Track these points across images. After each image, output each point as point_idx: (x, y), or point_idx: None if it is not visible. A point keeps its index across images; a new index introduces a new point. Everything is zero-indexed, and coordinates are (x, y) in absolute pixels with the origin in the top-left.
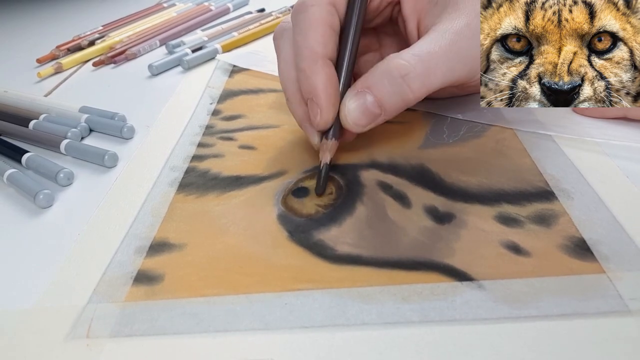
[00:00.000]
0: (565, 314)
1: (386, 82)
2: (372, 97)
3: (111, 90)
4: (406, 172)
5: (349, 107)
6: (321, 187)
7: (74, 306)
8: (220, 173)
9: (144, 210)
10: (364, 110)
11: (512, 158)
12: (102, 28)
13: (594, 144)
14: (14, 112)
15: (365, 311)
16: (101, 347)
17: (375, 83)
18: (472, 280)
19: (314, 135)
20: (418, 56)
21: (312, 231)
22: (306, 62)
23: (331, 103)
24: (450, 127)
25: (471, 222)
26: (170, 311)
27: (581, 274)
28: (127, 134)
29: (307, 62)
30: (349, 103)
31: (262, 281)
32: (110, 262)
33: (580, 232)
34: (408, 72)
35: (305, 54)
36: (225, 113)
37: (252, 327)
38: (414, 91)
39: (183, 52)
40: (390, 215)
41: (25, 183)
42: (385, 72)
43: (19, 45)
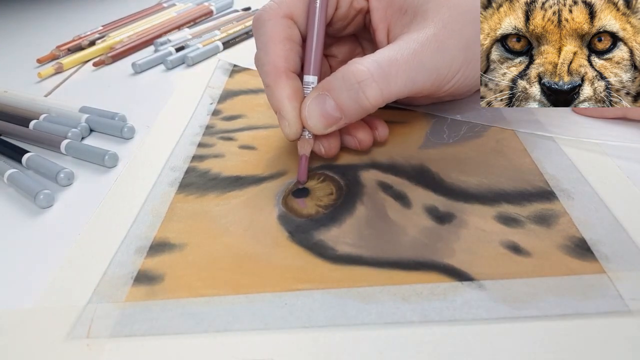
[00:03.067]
0: (565, 314)
1: (343, 87)
2: (332, 100)
3: (111, 90)
4: (406, 172)
5: (310, 110)
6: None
7: (74, 306)
8: (221, 173)
9: (144, 210)
10: (324, 114)
11: (512, 158)
12: (102, 28)
13: (594, 144)
14: (14, 112)
15: (365, 311)
16: (101, 347)
17: (333, 87)
18: (472, 280)
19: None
20: (377, 62)
21: (312, 231)
22: (270, 78)
23: (297, 115)
24: (450, 127)
25: (471, 222)
26: (170, 311)
27: (581, 274)
28: (127, 134)
29: (270, 78)
30: (310, 105)
31: (262, 281)
32: (111, 262)
33: (581, 232)
34: (364, 79)
35: (268, 70)
36: (226, 113)
37: (252, 327)
38: (369, 98)
39: (166, 50)
40: (390, 215)
41: (26, 183)
42: (343, 77)
43: (19, 45)
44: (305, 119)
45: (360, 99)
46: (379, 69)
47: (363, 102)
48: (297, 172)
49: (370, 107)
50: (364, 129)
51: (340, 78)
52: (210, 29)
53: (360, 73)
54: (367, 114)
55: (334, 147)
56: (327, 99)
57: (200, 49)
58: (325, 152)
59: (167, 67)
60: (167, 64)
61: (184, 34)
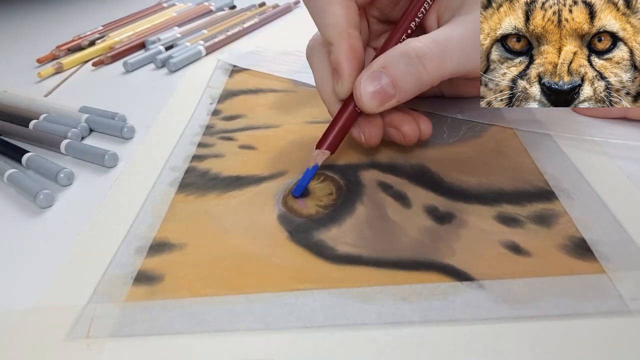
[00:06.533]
0: (565, 314)
1: (401, 62)
2: (387, 77)
3: (111, 90)
4: (406, 172)
5: (364, 87)
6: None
7: (74, 306)
8: (221, 173)
9: (144, 210)
10: (379, 90)
11: (512, 158)
12: (102, 28)
13: (594, 143)
14: (14, 112)
15: (365, 311)
16: (101, 347)
17: (390, 63)
18: (472, 280)
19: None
20: (434, 39)
21: (312, 231)
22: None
23: (352, 75)
24: (450, 127)
25: (471, 222)
26: (170, 311)
27: (581, 274)
28: (127, 134)
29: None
30: (364, 82)
31: (262, 281)
32: (111, 262)
33: (581, 232)
34: (424, 53)
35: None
36: (225, 113)
37: (252, 327)
38: (429, 72)
39: (156, 49)
40: (390, 215)
41: (26, 183)
42: (401, 53)
43: (19, 45)
44: (358, 95)
45: (419, 74)
46: (437, 45)
47: (422, 77)
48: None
49: (427, 83)
50: (411, 122)
51: (397, 54)
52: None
53: (419, 49)
54: (421, 91)
55: (374, 136)
56: (382, 75)
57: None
58: (365, 140)
59: (157, 65)
60: (157, 62)
61: (174, 32)
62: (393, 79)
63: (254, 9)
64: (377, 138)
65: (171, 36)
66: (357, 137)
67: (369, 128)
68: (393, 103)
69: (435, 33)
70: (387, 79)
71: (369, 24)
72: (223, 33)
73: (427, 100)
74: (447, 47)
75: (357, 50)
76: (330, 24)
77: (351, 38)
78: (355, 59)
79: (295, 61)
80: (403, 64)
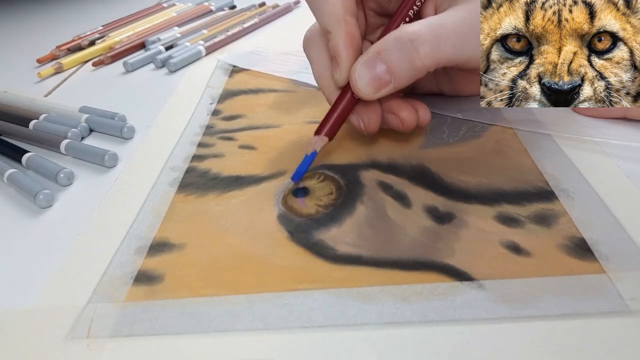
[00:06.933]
0: (565, 314)
1: (395, 47)
2: (382, 64)
3: (111, 90)
4: (406, 172)
5: (359, 73)
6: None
7: (74, 306)
8: (221, 173)
9: (144, 210)
10: (374, 77)
11: (512, 158)
12: (102, 28)
13: (594, 143)
14: (14, 112)
15: (365, 311)
16: (101, 347)
17: (385, 48)
18: (472, 280)
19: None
20: (429, 25)
21: (312, 231)
22: (329, 23)
23: (350, 61)
24: (450, 127)
25: (471, 222)
26: (170, 311)
27: (581, 274)
28: (127, 134)
29: (329, 23)
30: (359, 69)
31: (262, 281)
32: (111, 262)
33: (581, 232)
34: (417, 37)
35: (327, 19)
36: (225, 113)
37: (252, 327)
38: (421, 57)
39: (156, 49)
40: (390, 215)
41: (26, 183)
42: (395, 38)
43: (19, 45)
44: (354, 82)
45: (412, 58)
46: (431, 30)
47: (415, 62)
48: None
49: (421, 68)
50: (409, 108)
51: (391, 39)
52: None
53: (412, 33)
54: (417, 77)
55: (373, 122)
56: (378, 62)
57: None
58: (364, 127)
59: (157, 65)
60: (157, 62)
61: (174, 32)
62: (388, 66)
63: (254, 9)
64: (375, 125)
65: (171, 36)
66: (356, 123)
67: (367, 115)
68: (390, 89)
69: (430, 18)
70: (382, 65)
71: (366, 17)
72: (223, 33)
73: (427, 99)
74: (442, 32)
75: (355, 38)
76: (328, 12)
77: (349, 25)
78: (353, 46)
79: (295, 61)
80: (397, 49)
